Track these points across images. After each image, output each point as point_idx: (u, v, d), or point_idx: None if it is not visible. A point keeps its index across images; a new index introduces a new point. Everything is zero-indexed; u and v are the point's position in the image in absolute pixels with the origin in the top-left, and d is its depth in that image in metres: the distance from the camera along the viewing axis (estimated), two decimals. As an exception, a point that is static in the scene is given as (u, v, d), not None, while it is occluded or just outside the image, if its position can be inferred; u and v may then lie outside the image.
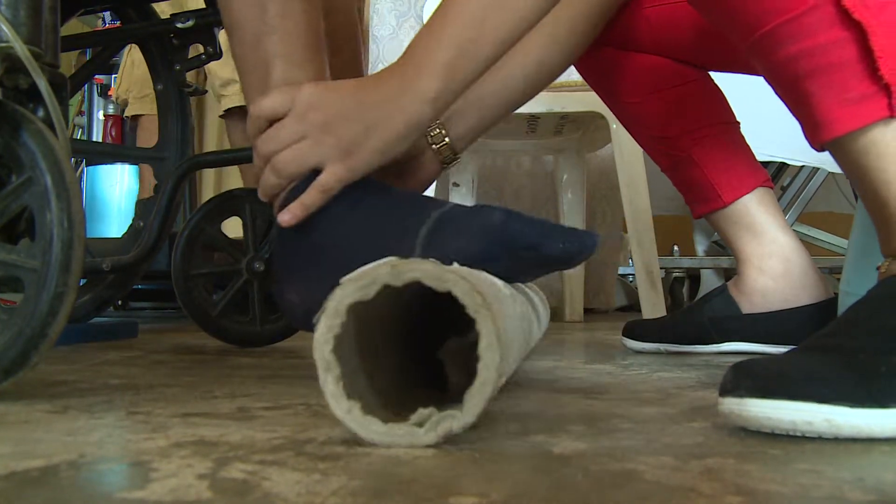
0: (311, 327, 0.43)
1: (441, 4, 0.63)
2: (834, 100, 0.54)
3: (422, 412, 0.42)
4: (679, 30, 0.96)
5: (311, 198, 0.60)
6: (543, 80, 0.91)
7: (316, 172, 0.61)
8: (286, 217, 0.61)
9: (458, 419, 0.42)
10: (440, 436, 0.42)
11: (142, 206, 1.16)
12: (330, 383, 0.42)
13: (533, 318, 0.63)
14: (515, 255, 0.56)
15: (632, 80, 1.00)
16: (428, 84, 0.60)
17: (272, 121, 0.63)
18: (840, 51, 0.53)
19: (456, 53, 0.60)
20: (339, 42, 0.83)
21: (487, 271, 0.54)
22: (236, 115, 1.97)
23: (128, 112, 2.13)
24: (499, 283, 0.53)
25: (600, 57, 1.00)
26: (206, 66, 1.80)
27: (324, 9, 0.71)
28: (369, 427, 0.42)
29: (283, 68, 0.65)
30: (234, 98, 1.94)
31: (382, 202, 0.63)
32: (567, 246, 0.55)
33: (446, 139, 0.80)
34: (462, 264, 0.50)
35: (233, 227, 1.11)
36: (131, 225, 1.16)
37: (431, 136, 0.80)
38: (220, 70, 1.91)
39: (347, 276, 0.43)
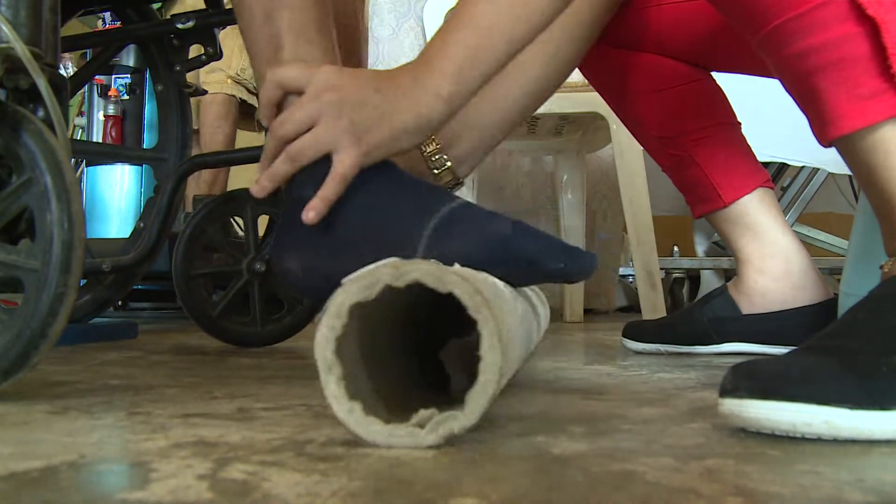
0: (304, 293, 0.43)
1: (455, 10, 0.65)
2: (844, 96, 0.54)
3: (423, 413, 0.42)
4: (684, 29, 0.96)
5: (330, 190, 0.61)
6: (544, 94, 0.91)
7: (326, 157, 0.62)
8: (311, 216, 0.61)
9: (459, 420, 0.42)
10: (441, 437, 0.42)
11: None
12: (331, 384, 0.42)
13: (533, 319, 0.63)
14: (515, 266, 0.58)
15: (634, 79, 1.00)
16: (440, 83, 0.62)
17: (287, 92, 0.63)
18: (852, 46, 0.53)
19: (465, 56, 0.62)
20: (346, 51, 0.82)
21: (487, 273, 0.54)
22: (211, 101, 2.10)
23: None
24: (500, 284, 0.53)
25: (604, 56, 1.00)
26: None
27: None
28: (370, 428, 0.42)
29: (293, 43, 0.65)
30: (211, 86, 2.03)
31: (392, 186, 0.63)
32: (567, 266, 0.58)
33: (447, 163, 0.80)
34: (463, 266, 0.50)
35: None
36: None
37: (432, 161, 0.80)
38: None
39: (349, 277, 0.43)
